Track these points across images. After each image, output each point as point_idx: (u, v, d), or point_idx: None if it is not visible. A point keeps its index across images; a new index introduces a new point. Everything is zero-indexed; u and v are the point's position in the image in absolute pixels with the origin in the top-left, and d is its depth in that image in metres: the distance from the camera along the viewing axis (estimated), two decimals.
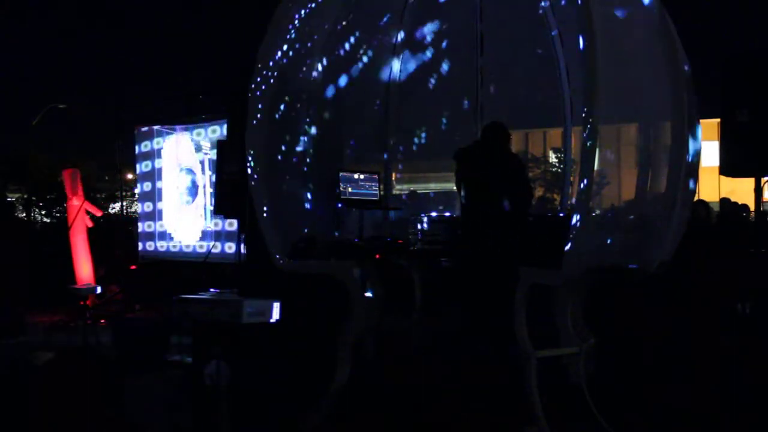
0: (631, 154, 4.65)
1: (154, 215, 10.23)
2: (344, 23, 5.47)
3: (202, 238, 9.50)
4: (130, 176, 14.99)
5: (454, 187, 5.25)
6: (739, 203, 9.04)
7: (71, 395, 2.53)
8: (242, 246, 6.51)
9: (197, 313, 4.11)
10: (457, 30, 6.31)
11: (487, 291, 4.84)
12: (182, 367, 6.41)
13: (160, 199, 10.19)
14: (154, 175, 10.27)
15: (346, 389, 4.60)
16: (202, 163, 9.47)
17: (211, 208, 8.66)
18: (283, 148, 5.14)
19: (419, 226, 5.09)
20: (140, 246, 10.46)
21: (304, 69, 5.29)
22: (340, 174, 5.41)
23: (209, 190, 9.14)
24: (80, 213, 9.15)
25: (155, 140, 10.22)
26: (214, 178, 8.18)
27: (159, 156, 10.18)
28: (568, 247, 3.92)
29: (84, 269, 9.09)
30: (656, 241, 4.20)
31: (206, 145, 9.32)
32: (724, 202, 9.65)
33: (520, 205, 5.01)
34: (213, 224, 9.23)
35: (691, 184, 4.42)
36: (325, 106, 5.55)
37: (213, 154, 8.75)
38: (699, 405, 4.41)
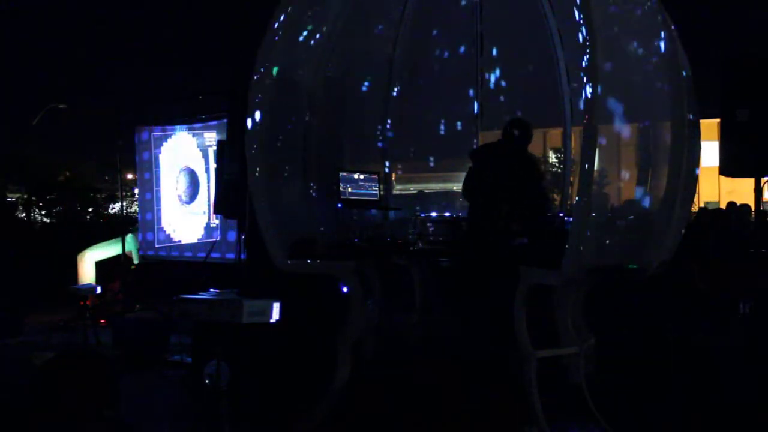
0: (631, 154, 4.65)
1: (154, 223, 10.22)
2: (344, 23, 5.47)
3: (203, 237, 9.47)
4: (130, 176, 14.98)
5: (455, 187, 5.24)
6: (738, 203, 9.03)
7: (71, 395, 2.52)
8: (242, 246, 6.50)
9: (197, 313, 4.09)
10: (457, 30, 6.31)
11: (487, 291, 4.83)
12: (182, 367, 6.43)
13: (159, 206, 10.16)
14: (153, 183, 10.23)
15: (346, 389, 4.59)
16: (206, 161, 9.45)
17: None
18: (282, 147, 5.13)
19: (419, 226, 5.08)
20: (140, 253, 10.46)
21: (304, 69, 5.29)
22: (340, 174, 5.41)
23: (213, 184, 9.10)
24: None
25: (154, 149, 10.18)
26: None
27: (158, 165, 10.13)
28: (567, 247, 3.92)
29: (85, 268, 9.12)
30: (656, 241, 4.20)
31: (211, 136, 9.28)
32: (730, 205, 9.65)
33: (533, 210, 4.95)
34: (216, 220, 9.19)
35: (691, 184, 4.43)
36: (325, 105, 5.54)
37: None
38: (699, 405, 4.41)
